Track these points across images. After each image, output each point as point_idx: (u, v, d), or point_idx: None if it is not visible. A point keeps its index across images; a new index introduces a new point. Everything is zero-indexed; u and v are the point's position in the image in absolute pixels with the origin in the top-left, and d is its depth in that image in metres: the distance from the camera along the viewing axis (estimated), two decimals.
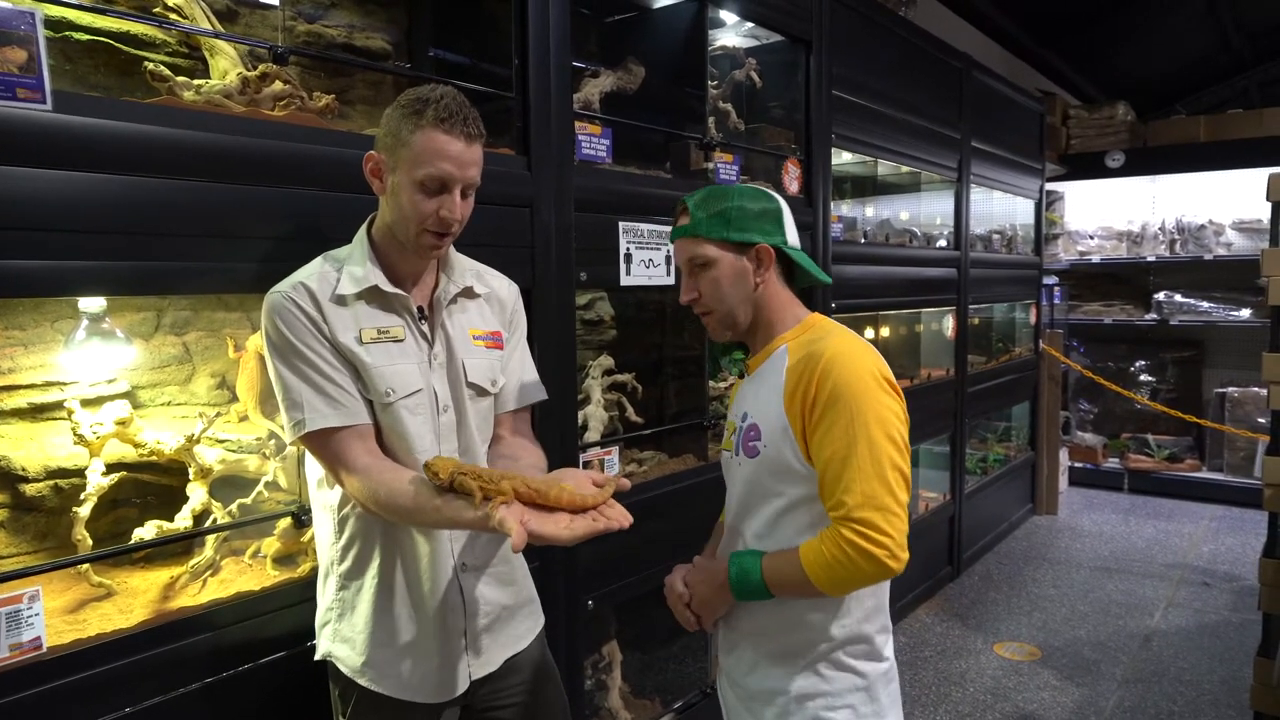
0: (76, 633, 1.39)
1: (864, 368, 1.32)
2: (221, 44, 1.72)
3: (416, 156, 1.30)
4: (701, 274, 1.44)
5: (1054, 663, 3.50)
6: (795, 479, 1.37)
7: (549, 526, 1.13)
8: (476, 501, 1.14)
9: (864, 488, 1.26)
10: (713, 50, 2.95)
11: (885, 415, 1.31)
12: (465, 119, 1.31)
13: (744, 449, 1.44)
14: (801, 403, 1.33)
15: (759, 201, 1.43)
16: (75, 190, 1.30)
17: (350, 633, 1.42)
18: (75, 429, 1.56)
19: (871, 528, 1.25)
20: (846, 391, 1.29)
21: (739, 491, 1.47)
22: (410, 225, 1.34)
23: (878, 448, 1.28)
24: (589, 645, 2.51)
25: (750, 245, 1.41)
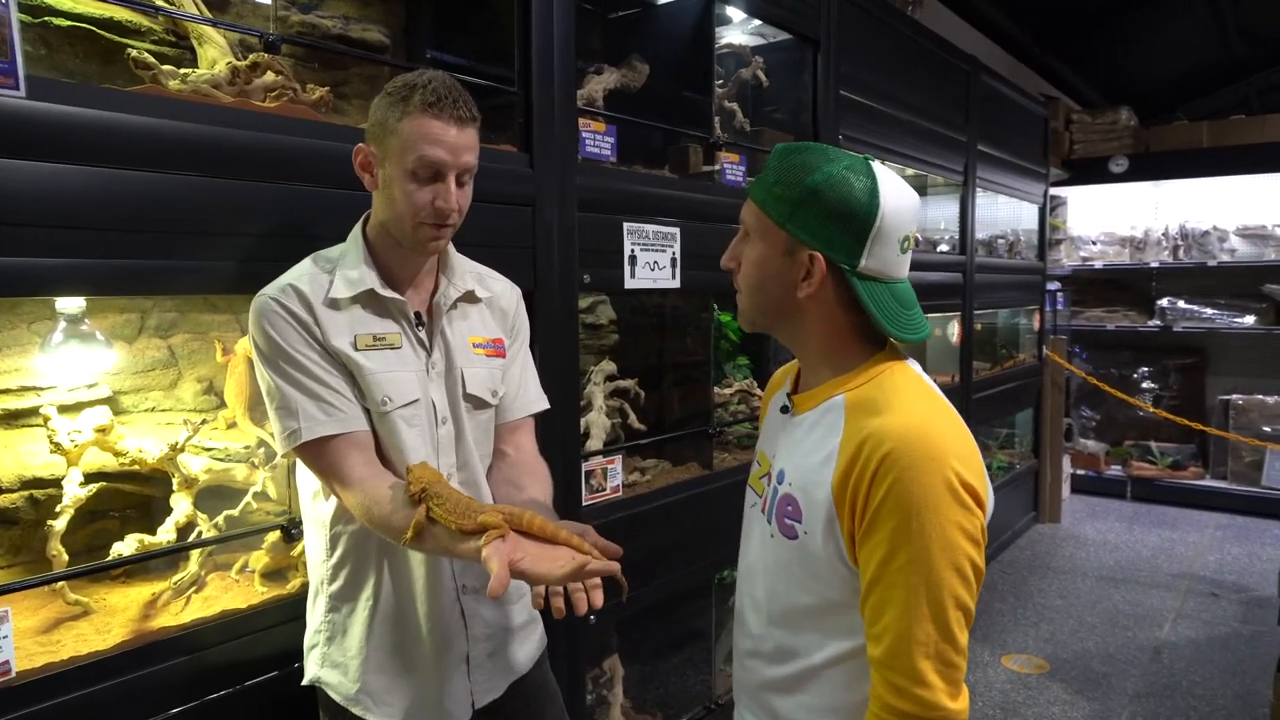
0: (49, 655, 1.30)
1: (936, 469, 0.98)
2: (210, 32, 1.64)
3: (406, 144, 1.22)
4: (746, 244, 1.15)
5: (1063, 676, 3.43)
6: (833, 580, 1.08)
7: (542, 565, 1.03)
8: (453, 532, 1.07)
9: (914, 630, 0.97)
10: (719, 49, 2.88)
11: (954, 538, 0.98)
12: (455, 101, 1.23)
13: (779, 523, 1.14)
14: (853, 495, 1.02)
15: (852, 195, 1.05)
16: (51, 182, 1.21)
17: (342, 658, 1.33)
18: (52, 437, 1.47)
19: (916, 682, 0.98)
20: (908, 505, 0.97)
21: (765, 565, 1.18)
22: (405, 219, 1.26)
23: (938, 583, 0.98)
24: (590, 660, 2.43)
25: (805, 247, 1.07)
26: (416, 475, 1.11)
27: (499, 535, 1.04)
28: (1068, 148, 6.45)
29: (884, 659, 1.00)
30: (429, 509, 1.08)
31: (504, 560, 1.00)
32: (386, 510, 1.14)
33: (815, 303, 1.11)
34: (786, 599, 1.14)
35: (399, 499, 1.13)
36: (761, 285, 1.13)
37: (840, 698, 1.11)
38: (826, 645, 1.11)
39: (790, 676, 1.15)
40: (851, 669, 1.10)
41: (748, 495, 1.30)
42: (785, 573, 1.14)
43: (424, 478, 1.11)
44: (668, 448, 2.68)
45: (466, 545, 1.06)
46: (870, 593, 1.02)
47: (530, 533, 1.09)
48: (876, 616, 1.01)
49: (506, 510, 1.09)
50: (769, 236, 1.11)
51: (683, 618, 2.88)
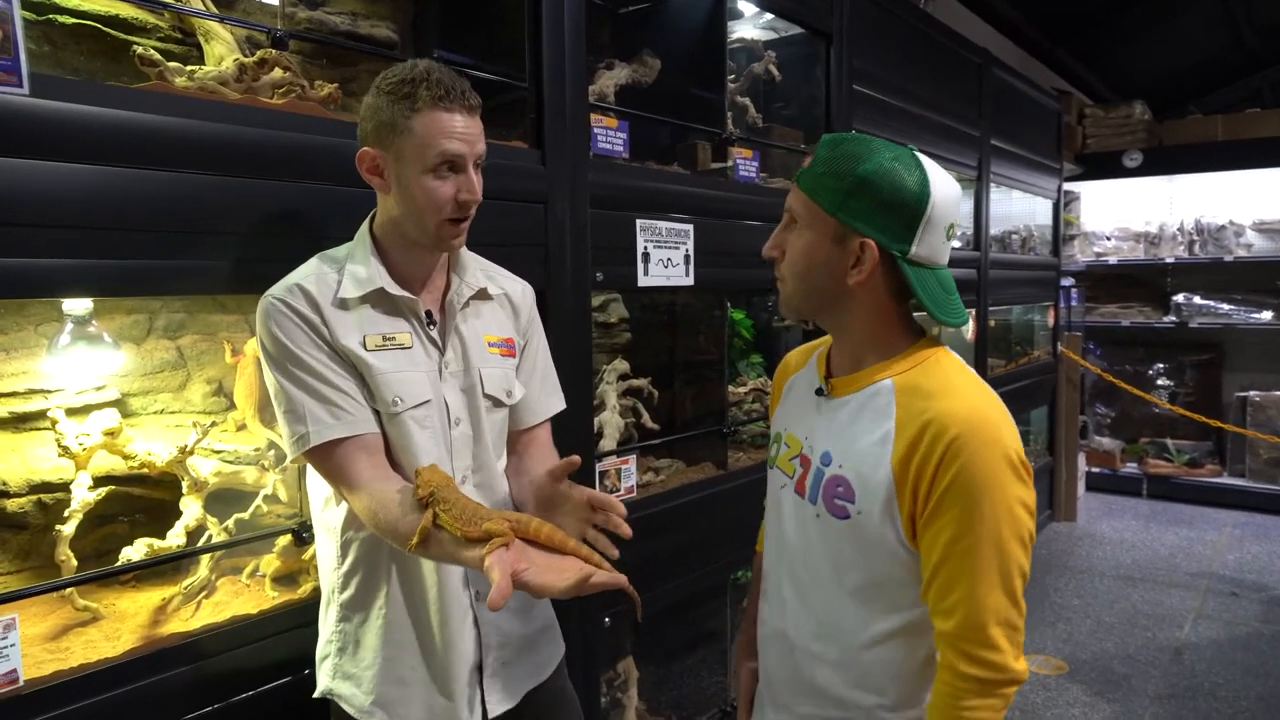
0: (58, 663, 1.27)
1: (999, 450, 1.06)
2: (217, 29, 1.61)
3: (423, 141, 1.19)
4: (792, 232, 1.16)
5: (1083, 677, 3.38)
6: (887, 557, 1.12)
7: (547, 576, 0.99)
8: (459, 539, 1.04)
9: (986, 599, 1.05)
10: (730, 43, 2.85)
11: (1018, 513, 1.06)
12: (461, 90, 1.21)
13: (827, 503, 1.17)
14: (916, 478, 1.07)
15: (903, 184, 1.08)
16: (56, 181, 1.19)
17: (355, 669, 1.30)
18: (60, 440, 1.44)
19: (989, 647, 1.05)
20: (976, 483, 1.04)
21: (807, 546, 1.21)
22: (428, 216, 1.23)
23: (1005, 552, 1.05)
24: (605, 663, 2.40)
25: (857, 235, 1.10)
26: (425, 479, 1.08)
27: (503, 543, 1.01)
28: (1080, 142, 6.38)
29: (957, 631, 1.06)
30: (436, 514, 1.05)
31: (506, 570, 0.96)
32: (394, 515, 1.11)
33: (863, 289, 1.14)
34: (834, 577, 1.17)
35: (407, 503, 1.10)
36: (809, 272, 1.15)
37: (890, 674, 1.16)
38: (874, 623, 1.15)
39: (837, 657, 1.18)
40: (898, 646, 1.15)
41: (774, 477, 1.31)
42: (834, 551, 1.17)
43: (433, 481, 1.07)
44: (682, 447, 2.65)
45: (471, 553, 1.02)
46: (940, 570, 1.07)
47: (538, 541, 1.06)
48: (947, 592, 1.07)
49: (514, 517, 1.06)
50: (818, 224, 1.13)
51: (698, 619, 2.85)
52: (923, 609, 1.13)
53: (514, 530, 1.04)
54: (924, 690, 1.17)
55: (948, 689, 1.08)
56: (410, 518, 1.08)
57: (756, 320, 3.06)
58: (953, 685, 1.07)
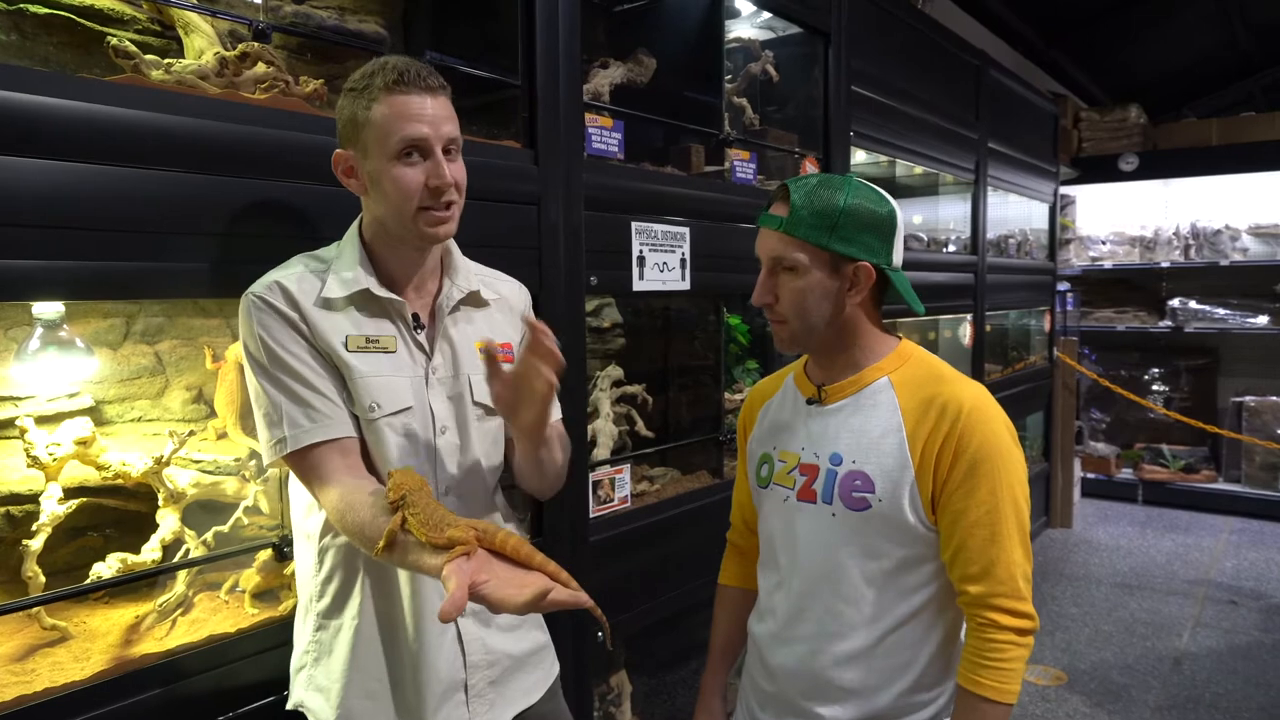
0: (22, 686, 1.21)
1: (1000, 422, 1.21)
2: (198, 21, 1.55)
3: (382, 130, 1.15)
4: (785, 278, 1.25)
5: (1082, 688, 3.33)
6: (909, 539, 1.22)
7: (507, 591, 0.92)
8: (425, 544, 0.97)
9: (1013, 556, 1.17)
10: (727, 43, 2.79)
11: (1022, 476, 1.21)
12: (418, 73, 1.17)
13: (844, 499, 1.24)
14: (936, 459, 1.19)
15: (875, 207, 1.23)
16: (23, 178, 1.12)
17: (325, 680, 1.24)
18: (29, 450, 1.38)
19: (1020, 599, 1.17)
20: (992, 451, 1.17)
21: (824, 546, 1.26)
22: (404, 209, 1.18)
23: (1020, 512, 1.19)
24: (598, 676, 2.34)
25: (850, 260, 1.22)
26: (397, 481, 1.02)
27: (465, 552, 0.95)
28: (1076, 146, 6.36)
29: (991, 589, 1.16)
30: (404, 518, 0.99)
31: (464, 581, 0.90)
32: (363, 517, 1.05)
33: (858, 306, 1.26)
34: (856, 570, 1.24)
35: (378, 506, 1.05)
36: (816, 306, 1.24)
37: (914, 652, 1.24)
38: (897, 606, 1.23)
39: (860, 649, 1.24)
40: (920, 624, 1.24)
41: (774, 494, 1.34)
42: (855, 544, 1.24)
43: (404, 484, 1.01)
44: (677, 455, 2.59)
45: (433, 560, 0.96)
46: (970, 536, 1.17)
47: (503, 553, 1.00)
48: (978, 556, 1.17)
49: (481, 526, 1.00)
50: (815, 260, 1.23)
51: (691, 629, 2.79)
52: (938, 584, 1.24)
53: (479, 540, 0.98)
54: (947, 672, 1.26)
55: (986, 644, 1.17)
56: (379, 520, 1.02)
57: (752, 326, 3.01)
58: (992, 640, 1.16)
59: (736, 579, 1.50)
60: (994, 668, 1.16)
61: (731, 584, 1.52)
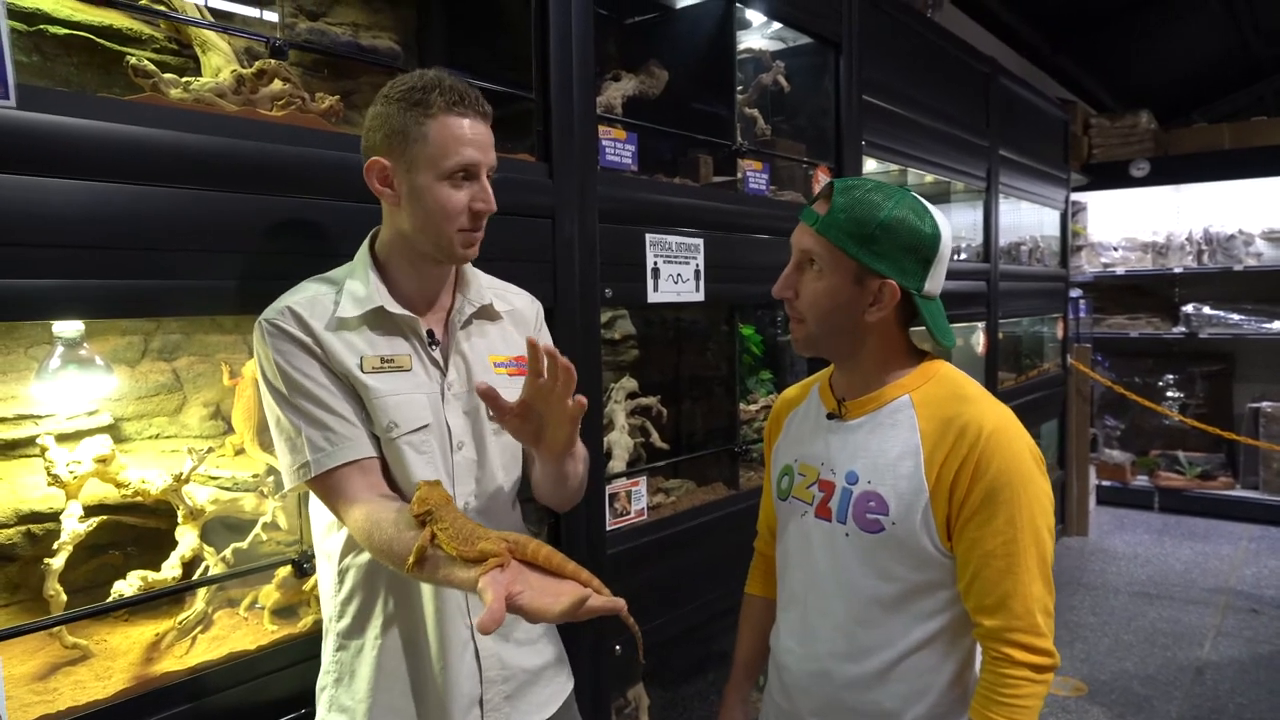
0: (45, 705, 1.21)
1: (1024, 447, 1.15)
2: (215, 40, 1.56)
3: (439, 149, 1.15)
4: (809, 276, 1.21)
5: (1103, 699, 3.30)
6: (925, 563, 1.18)
7: (544, 600, 0.92)
8: (455, 559, 0.97)
9: (1031, 589, 1.12)
10: (739, 54, 2.80)
11: (1045, 504, 1.15)
12: (475, 97, 1.18)
13: (858, 520, 1.21)
14: (953, 484, 1.14)
15: (917, 229, 1.17)
16: (44, 198, 1.13)
17: (350, 701, 1.24)
18: (50, 468, 1.38)
19: (1038, 635, 1.12)
20: (1014, 479, 1.12)
21: (837, 566, 1.24)
22: (444, 227, 1.18)
23: (1041, 543, 1.14)
24: (615, 690, 2.33)
25: (877, 276, 1.17)
26: (423, 496, 1.02)
27: (499, 564, 0.95)
28: (1087, 152, 6.35)
29: (1007, 623, 1.12)
30: (433, 533, 0.99)
31: (500, 593, 0.90)
32: (389, 534, 1.05)
33: (880, 323, 1.21)
34: (870, 592, 1.21)
35: (403, 522, 1.04)
36: (833, 312, 1.21)
37: (928, 680, 1.20)
38: (911, 631, 1.20)
39: (874, 672, 1.21)
40: (933, 652, 1.20)
41: (792, 508, 1.32)
42: (867, 566, 1.21)
43: (430, 499, 1.01)
44: (692, 467, 2.58)
45: (466, 574, 0.95)
46: (985, 566, 1.13)
47: (535, 564, 0.99)
48: (993, 587, 1.12)
49: (512, 538, 0.99)
50: (840, 267, 1.19)
51: (708, 641, 2.78)
52: (954, 612, 1.19)
53: (511, 551, 0.98)
54: (964, 701, 1.21)
55: (1000, 680, 1.12)
56: (406, 536, 1.02)
57: (765, 336, 3.00)
58: (1006, 676, 1.12)
59: (762, 589, 1.49)
60: (1007, 704, 1.11)
61: (758, 594, 1.50)
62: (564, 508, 1.39)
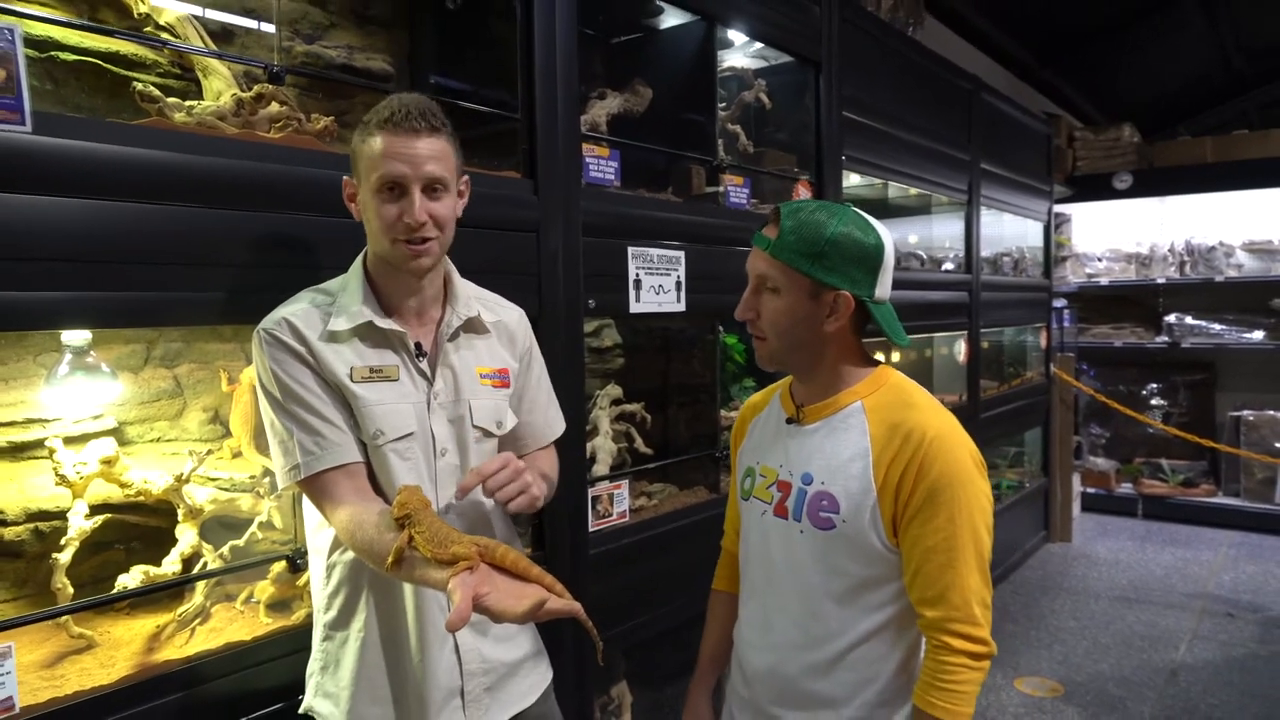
0: (53, 690, 1.29)
1: (965, 451, 1.24)
2: (215, 65, 1.65)
3: (370, 163, 1.24)
4: (767, 297, 1.30)
5: (1078, 699, 3.38)
6: (873, 559, 1.26)
7: (507, 602, 1.01)
8: (430, 560, 1.05)
9: (968, 583, 1.21)
10: (721, 72, 2.89)
11: (984, 504, 1.24)
12: (409, 114, 1.23)
13: (811, 518, 1.29)
14: (898, 485, 1.22)
15: (862, 242, 1.25)
16: (57, 216, 1.22)
17: (334, 688, 1.32)
18: (57, 469, 1.46)
19: (975, 625, 1.20)
20: (953, 479, 1.21)
21: (792, 562, 1.32)
22: (382, 238, 1.26)
23: (979, 540, 1.22)
24: (598, 687, 2.40)
25: (831, 289, 1.25)
26: (403, 500, 1.10)
27: (468, 567, 1.03)
28: (1071, 165, 6.45)
29: (945, 614, 1.20)
30: (411, 536, 1.07)
31: (468, 593, 0.98)
32: (371, 535, 1.13)
33: (837, 332, 1.29)
34: (822, 586, 1.29)
35: (384, 524, 1.13)
36: (792, 327, 1.29)
37: (877, 668, 1.29)
38: (860, 622, 1.28)
39: (825, 661, 1.30)
40: (883, 640, 1.29)
41: (753, 507, 1.40)
42: (820, 561, 1.29)
43: (409, 503, 1.09)
44: (674, 471, 2.67)
45: (439, 575, 1.04)
46: (927, 561, 1.21)
47: (504, 567, 1.08)
48: (934, 580, 1.21)
49: (482, 543, 1.08)
50: (795, 285, 1.27)
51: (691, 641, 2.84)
52: (900, 605, 1.28)
53: (481, 555, 1.06)
54: (910, 688, 1.29)
55: (940, 666, 1.21)
56: (387, 537, 1.10)
57: (748, 345, 3.08)
58: (945, 663, 1.20)
59: (728, 585, 1.57)
60: (946, 689, 1.19)
61: (723, 590, 1.58)
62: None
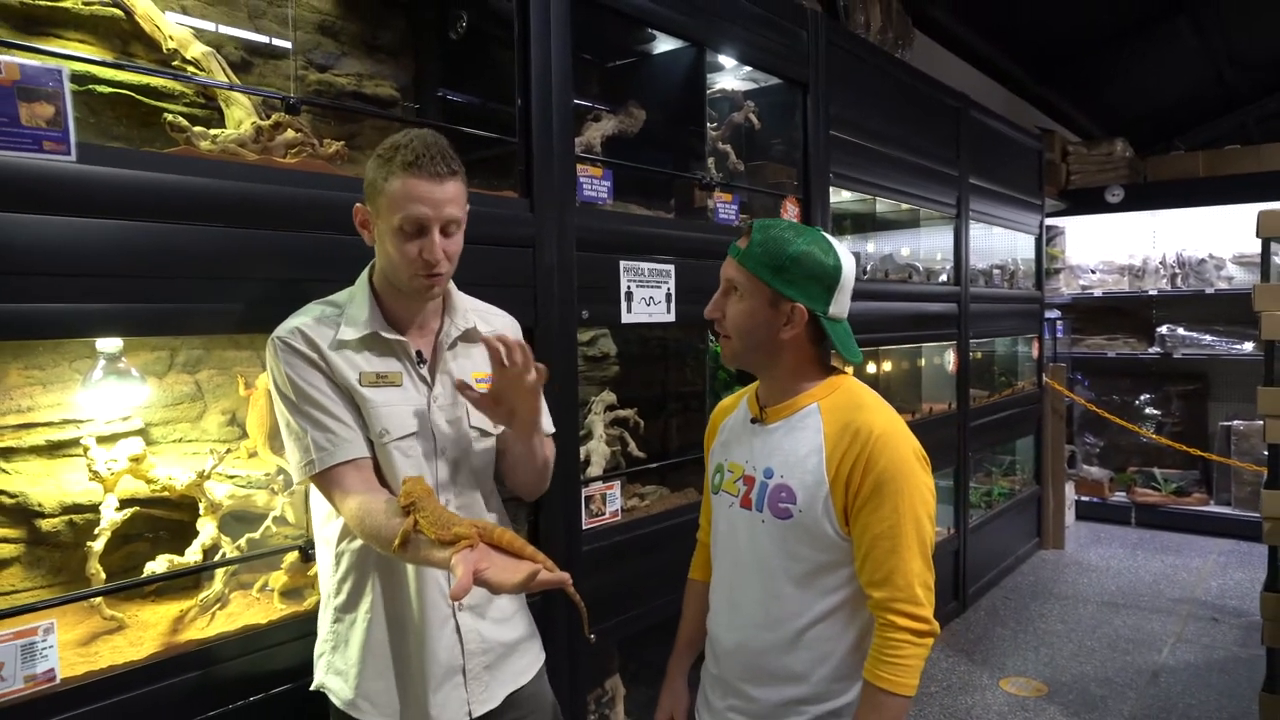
0: (89, 665, 1.42)
1: (908, 447, 1.36)
2: (237, 94, 1.79)
3: (391, 203, 1.33)
4: (733, 300, 1.42)
5: (1061, 699, 3.48)
6: (827, 546, 1.38)
7: (504, 575, 1.14)
8: (433, 541, 1.17)
9: (911, 566, 1.32)
10: (712, 93, 3.03)
11: (925, 494, 1.36)
12: (433, 158, 1.33)
13: (772, 509, 1.41)
14: (848, 477, 1.34)
15: (822, 262, 1.38)
16: (95, 236, 1.35)
17: (343, 665, 1.44)
18: (90, 465, 1.60)
19: (917, 604, 1.31)
20: (896, 472, 1.32)
21: (756, 549, 1.44)
22: (400, 270, 1.38)
23: (921, 527, 1.34)
24: (591, 680, 2.52)
25: (788, 300, 1.38)
26: (408, 489, 1.23)
27: (469, 545, 1.16)
28: (1065, 178, 6.58)
29: (890, 594, 1.32)
30: (416, 520, 1.20)
31: (468, 569, 1.11)
32: (380, 521, 1.26)
33: (793, 340, 1.42)
34: (782, 570, 1.41)
35: (391, 510, 1.25)
36: (751, 330, 1.42)
37: (832, 645, 1.41)
38: (816, 604, 1.40)
39: (785, 639, 1.42)
40: (837, 620, 1.41)
41: (722, 500, 1.53)
42: (779, 548, 1.41)
43: (414, 491, 1.22)
44: (666, 474, 2.79)
45: (442, 554, 1.17)
46: (874, 547, 1.33)
47: (500, 546, 1.21)
48: (880, 564, 1.33)
49: (481, 525, 1.21)
50: (757, 293, 1.40)
51: None
52: (853, 588, 1.39)
53: (480, 536, 1.19)
54: (861, 665, 1.38)
55: (886, 643, 1.32)
56: (393, 522, 1.23)
57: None
58: (891, 639, 1.32)
59: (702, 574, 1.69)
60: (891, 663, 1.30)
61: (698, 578, 1.71)
62: (533, 495, 1.61)
